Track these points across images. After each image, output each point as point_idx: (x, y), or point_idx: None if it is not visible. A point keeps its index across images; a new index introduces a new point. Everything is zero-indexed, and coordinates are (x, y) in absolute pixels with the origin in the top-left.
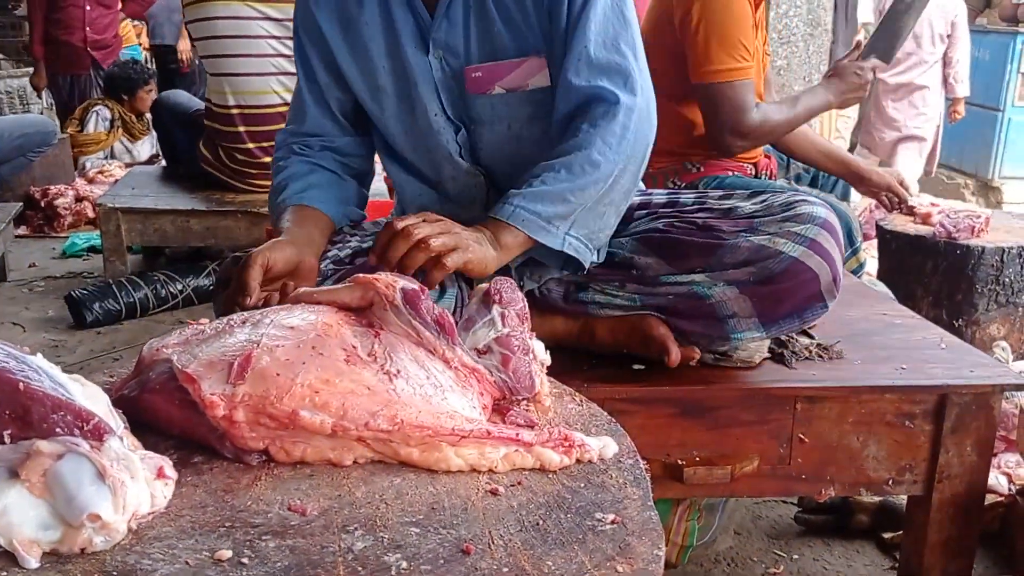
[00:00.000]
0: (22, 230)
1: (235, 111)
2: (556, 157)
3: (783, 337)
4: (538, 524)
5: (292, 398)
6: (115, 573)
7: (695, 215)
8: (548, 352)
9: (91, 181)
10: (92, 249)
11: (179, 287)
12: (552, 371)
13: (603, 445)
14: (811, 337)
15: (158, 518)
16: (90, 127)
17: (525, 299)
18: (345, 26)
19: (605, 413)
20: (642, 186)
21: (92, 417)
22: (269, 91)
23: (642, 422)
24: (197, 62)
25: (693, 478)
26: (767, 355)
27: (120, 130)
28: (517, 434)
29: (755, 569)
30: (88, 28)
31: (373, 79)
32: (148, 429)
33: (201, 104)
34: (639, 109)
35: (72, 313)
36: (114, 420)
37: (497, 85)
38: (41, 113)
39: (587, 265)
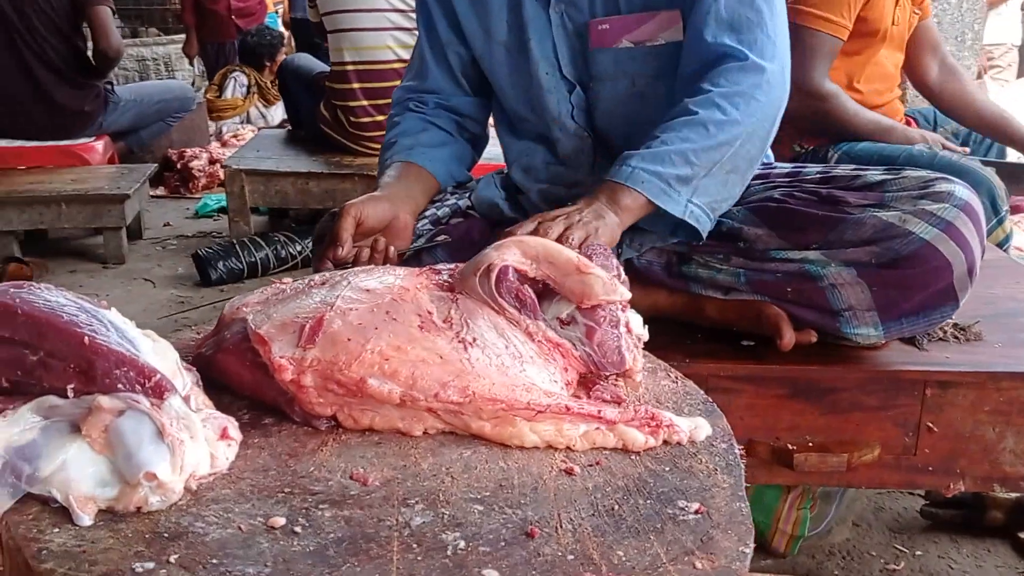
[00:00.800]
0: (160, 191)
1: (350, 67)
2: (678, 116)
3: None
4: (613, 509)
5: (361, 365)
6: (167, 534)
7: (818, 185)
8: (647, 326)
9: (224, 145)
10: (222, 210)
11: (299, 248)
12: (652, 344)
13: (695, 427)
14: None
15: (219, 479)
16: (228, 93)
17: (621, 266)
18: None
19: (701, 392)
20: (770, 155)
21: (154, 374)
22: (383, 47)
23: (749, 402)
24: None
25: (804, 465)
26: None
27: (256, 95)
28: (599, 411)
29: (873, 564)
30: None
31: (491, 34)
32: (223, 388)
33: (325, 67)
34: (770, 71)
35: (198, 271)
36: (180, 378)
37: (624, 39)
38: (192, 81)
39: (703, 236)
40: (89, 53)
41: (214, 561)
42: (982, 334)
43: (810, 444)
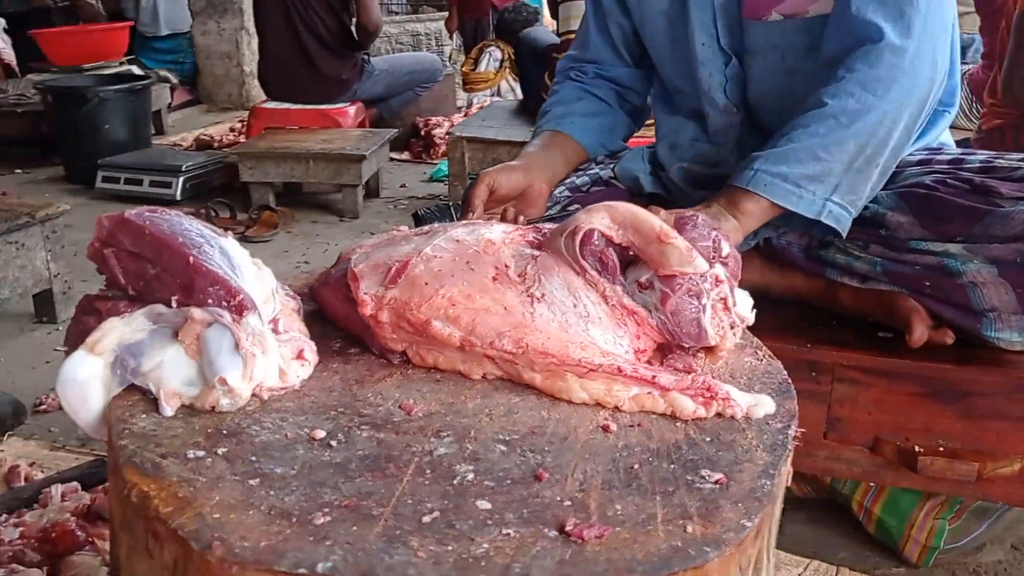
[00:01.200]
0: (405, 155)
1: (571, 37)
2: (810, 109)
3: None
4: (632, 468)
5: (430, 307)
6: (225, 431)
7: (975, 173)
8: (755, 309)
9: (467, 115)
10: None
11: None
12: (782, 324)
13: (755, 403)
14: None
15: (289, 393)
16: (482, 66)
17: (719, 238)
18: None
19: (783, 373)
20: (947, 141)
21: (238, 294)
22: None
23: (879, 396)
24: None
25: (929, 469)
26: None
27: (507, 69)
28: (654, 376)
29: None
30: None
31: (653, 3)
32: (328, 319)
33: (558, 39)
34: (911, 52)
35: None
36: (272, 303)
37: (774, 11)
38: (450, 55)
39: (844, 233)
40: (353, 28)
41: (252, 458)
42: None
43: (941, 449)
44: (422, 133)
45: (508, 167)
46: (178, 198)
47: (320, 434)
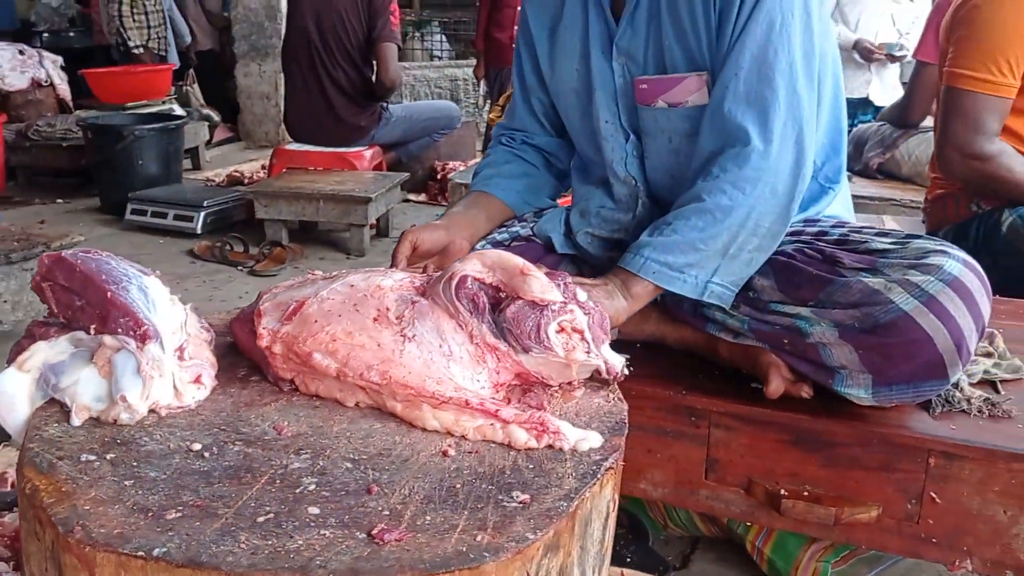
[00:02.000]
0: (422, 197)
1: None
2: (690, 201)
3: None
4: (454, 487)
5: (314, 342)
6: (119, 441)
7: (826, 244)
8: (630, 368)
9: None
10: None
11: None
12: (671, 371)
13: (583, 438)
14: (994, 387)
15: (185, 412)
16: None
17: (573, 285)
18: (551, 30)
19: (624, 413)
20: (838, 215)
21: (143, 324)
22: None
23: (750, 442)
24: None
25: (791, 511)
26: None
27: None
28: (496, 410)
29: None
30: (516, 27)
31: (564, 82)
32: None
33: None
34: (774, 154)
35: None
36: (180, 333)
37: (660, 99)
38: (476, 102)
39: (727, 306)
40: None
41: (134, 464)
42: (1012, 412)
43: (805, 493)
44: (438, 176)
45: (431, 225)
46: (199, 231)
47: (197, 446)
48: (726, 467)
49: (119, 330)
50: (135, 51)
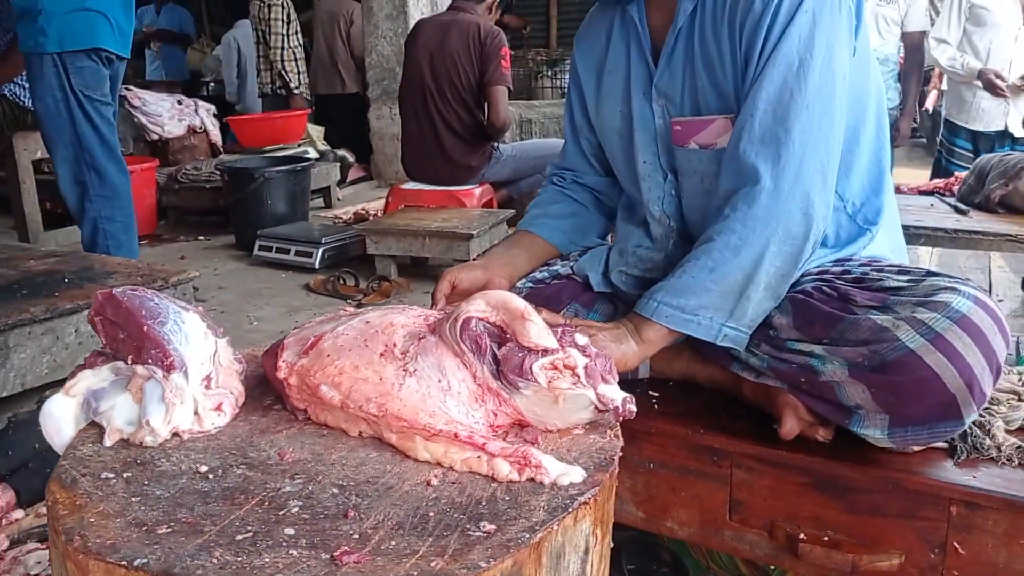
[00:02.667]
0: None
1: None
2: (702, 242)
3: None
4: (427, 515)
5: (323, 375)
6: (139, 461)
7: (844, 282)
8: (632, 402)
9: None
10: None
11: None
12: (697, 410)
13: (563, 473)
14: None
15: (205, 436)
16: None
17: (573, 332)
18: (598, 73)
19: (616, 450)
20: (882, 255)
21: (170, 356)
22: None
23: (772, 484)
24: None
25: (808, 555)
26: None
27: None
28: (484, 443)
29: None
30: None
31: (609, 123)
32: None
33: None
34: (784, 195)
35: None
36: (208, 364)
37: (692, 140)
38: None
39: (742, 349)
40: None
41: (145, 482)
42: None
43: (825, 538)
44: None
45: (470, 265)
46: (317, 266)
47: (204, 468)
48: (749, 508)
49: (149, 360)
50: (296, 92)
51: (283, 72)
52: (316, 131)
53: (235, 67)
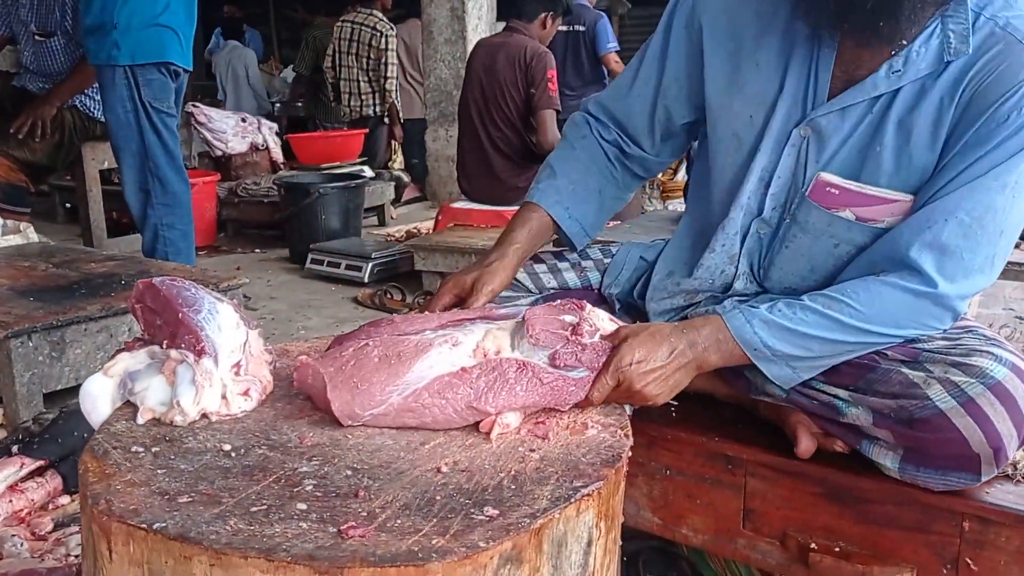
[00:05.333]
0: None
1: None
2: (839, 295)
3: None
4: (434, 499)
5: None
6: (167, 438)
7: None
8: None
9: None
10: None
11: None
12: (715, 420)
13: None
14: None
15: (232, 419)
16: (679, 175)
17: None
18: (733, 51)
19: (623, 449)
20: None
21: (201, 342)
22: None
23: (786, 494)
24: None
25: (819, 566)
26: None
27: None
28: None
29: None
30: None
31: (729, 123)
32: None
33: None
34: (944, 302)
35: None
36: (239, 352)
37: (849, 209)
38: None
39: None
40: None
41: (172, 457)
42: None
43: (837, 549)
44: None
45: (492, 270)
46: (366, 280)
47: (227, 447)
48: (762, 518)
49: (183, 345)
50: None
51: (395, 100)
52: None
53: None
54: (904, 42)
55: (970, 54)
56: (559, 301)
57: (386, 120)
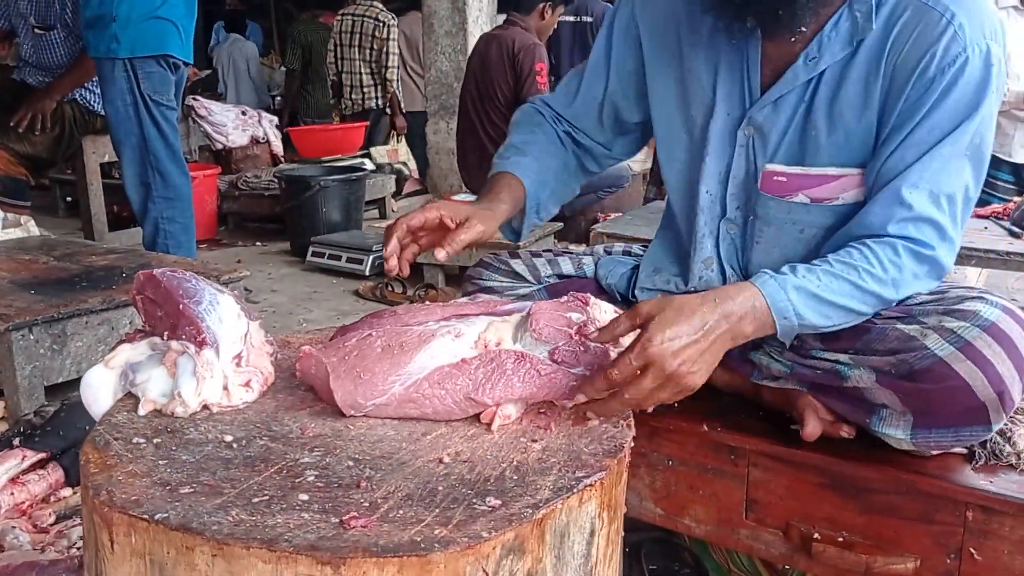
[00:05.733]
0: (582, 247)
1: None
2: (853, 261)
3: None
4: (436, 489)
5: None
6: (169, 429)
7: None
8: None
9: None
10: None
11: None
12: (714, 411)
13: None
14: None
15: (233, 410)
16: None
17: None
18: (670, 56)
19: (626, 439)
20: None
21: (202, 333)
22: None
23: (788, 484)
24: None
25: (822, 556)
26: None
27: None
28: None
29: None
30: None
31: (675, 129)
32: None
33: None
34: (945, 266)
35: None
36: (240, 343)
37: (802, 193)
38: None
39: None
40: None
41: (173, 448)
42: None
43: (840, 539)
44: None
45: (483, 214)
46: (367, 273)
47: (229, 438)
48: (765, 508)
49: (183, 336)
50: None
51: (396, 91)
52: (404, 149)
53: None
54: (803, 29)
55: (883, 27)
56: (567, 297)
57: (388, 112)
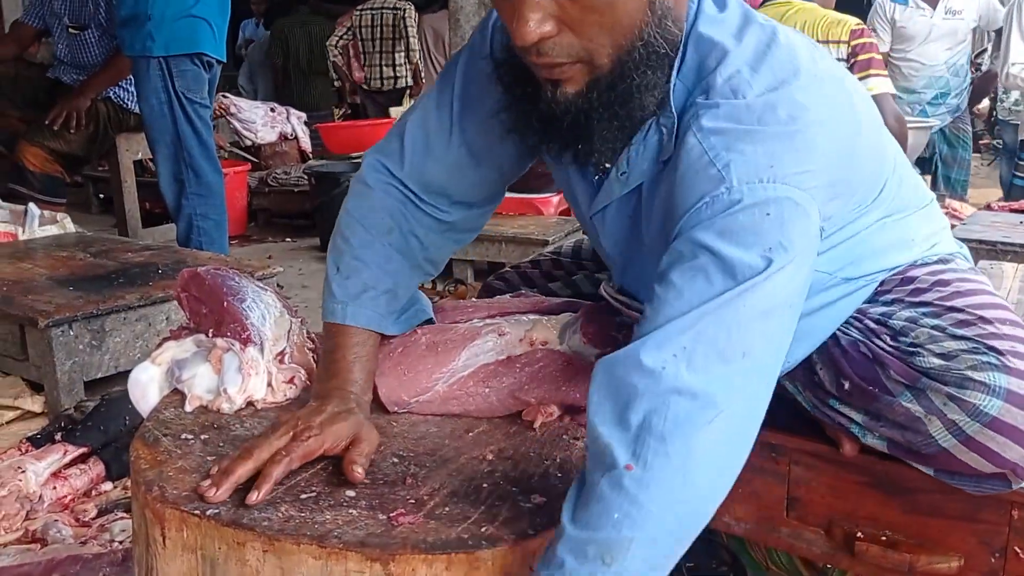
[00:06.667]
0: None
1: None
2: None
3: None
4: (480, 486)
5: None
6: (215, 425)
7: (880, 342)
8: None
9: None
10: None
11: None
12: None
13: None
14: None
15: (279, 407)
16: None
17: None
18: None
19: None
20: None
21: (247, 330)
22: None
23: (831, 482)
24: None
25: (864, 555)
26: None
27: None
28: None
29: None
30: None
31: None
32: None
33: None
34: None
35: None
36: (283, 341)
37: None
38: None
39: None
40: None
41: (220, 444)
42: None
43: (884, 538)
44: None
45: (336, 417)
46: None
47: None
48: (807, 506)
49: (228, 333)
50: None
51: (420, 68)
52: None
53: None
54: (607, 164)
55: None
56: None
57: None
